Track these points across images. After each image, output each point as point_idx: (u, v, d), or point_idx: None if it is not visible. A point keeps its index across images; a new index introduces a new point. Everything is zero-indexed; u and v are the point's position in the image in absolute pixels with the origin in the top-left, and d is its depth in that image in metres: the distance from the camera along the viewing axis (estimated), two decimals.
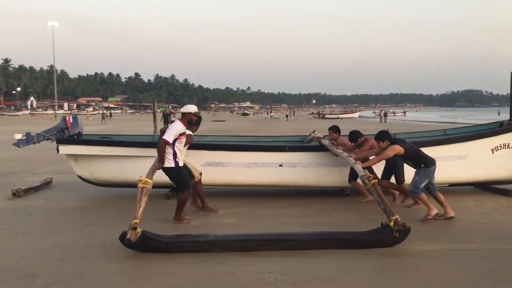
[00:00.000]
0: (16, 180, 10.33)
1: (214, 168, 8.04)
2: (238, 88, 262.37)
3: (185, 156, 7.30)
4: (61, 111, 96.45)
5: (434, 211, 6.79)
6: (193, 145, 7.84)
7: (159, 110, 37.60)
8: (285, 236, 5.66)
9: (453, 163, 8.21)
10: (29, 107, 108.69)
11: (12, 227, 6.43)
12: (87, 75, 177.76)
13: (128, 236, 5.15)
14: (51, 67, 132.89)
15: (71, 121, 8.50)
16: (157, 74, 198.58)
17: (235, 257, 5.15)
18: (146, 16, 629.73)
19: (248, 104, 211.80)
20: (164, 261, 5.04)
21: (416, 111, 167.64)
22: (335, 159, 7.82)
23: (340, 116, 78.02)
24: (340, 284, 4.49)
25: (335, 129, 8.52)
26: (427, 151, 7.57)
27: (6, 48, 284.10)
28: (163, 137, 6.50)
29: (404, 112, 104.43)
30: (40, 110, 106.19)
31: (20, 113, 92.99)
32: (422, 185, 6.79)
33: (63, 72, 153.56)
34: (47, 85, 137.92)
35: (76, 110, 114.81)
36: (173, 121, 30.89)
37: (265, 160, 8.02)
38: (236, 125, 46.80)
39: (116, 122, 53.31)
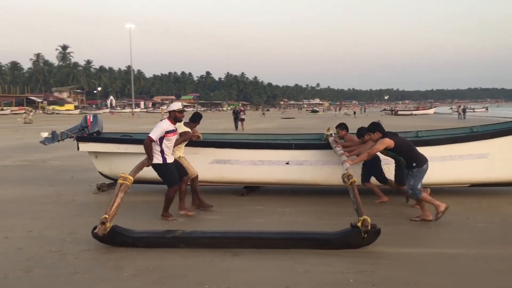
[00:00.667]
0: (100, 175, 10.89)
1: (222, 166, 8.11)
2: (307, 85, 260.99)
3: (193, 154, 7.67)
4: (138, 110, 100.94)
5: (442, 206, 6.39)
6: (201, 143, 8.16)
7: (229, 108, 38.23)
8: (253, 234, 5.58)
9: (472, 163, 7.71)
10: (108, 105, 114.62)
11: (98, 220, 6.77)
12: (162, 74, 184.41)
13: (95, 231, 5.34)
14: (129, 67, 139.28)
15: (91, 120, 8.90)
16: (227, 72, 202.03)
17: (314, 256, 5.12)
18: (217, 16, 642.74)
19: (317, 101, 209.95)
20: (241, 257, 5.11)
21: (498, 106, 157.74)
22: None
23: (414, 112, 75.36)
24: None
25: (342, 127, 8.36)
26: (443, 149, 7.47)
27: (88, 50, 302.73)
28: (148, 135, 6.61)
29: (486, 108, 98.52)
30: (118, 108, 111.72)
31: (100, 111, 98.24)
32: (419, 186, 6.48)
33: (139, 72, 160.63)
34: (125, 84, 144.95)
35: (152, 108, 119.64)
36: (243, 119, 30.94)
37: (272, 158, 7.96)
38: (306, 122, 46.55)
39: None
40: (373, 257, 5.08)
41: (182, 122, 7.33)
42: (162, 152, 6.61)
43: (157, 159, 6.63)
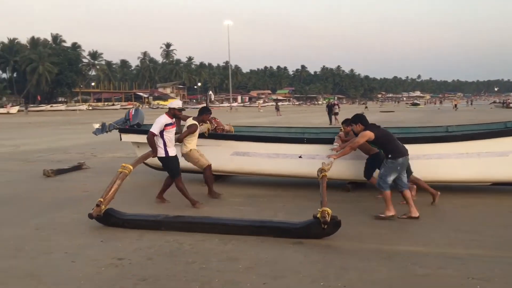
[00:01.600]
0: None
1: (241, 158, 8.53)
2: (407, 77, 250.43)
3: (216, 146, 8.53)
4: (235, 104, 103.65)
5: (391, 212, 6.35)
6: (223, 136, 8.88)
7: (325, 101, 37.60)
8: (222, 221, 6.09)
9: (491, 160, 7.41)
10: (208, 100, 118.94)
11: (214, 211, 7.03)
12: (258, 69, 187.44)
13: (90, 212, 6.08)
14: (227, 63, 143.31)
15: (133, 113, 9.64)
16: (323, 66, 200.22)
17: (432, 259, 4.85)
18: (312, 9, 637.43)
19: (417, 93, 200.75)
20: (357, 255, 4.99)
21: None
22: (354, 153, 7.22)
23: None
24: None
25: (347, 123, 7.99)
26: (459, 146, 7.48)
27: (189, 48, 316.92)
28: (150, 130, 7.22)
29: None
30: (217, 103, 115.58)
31: (200, 106, 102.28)
32: (389, 178, 6.38)
33: (237, 67, 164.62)
34: (223, 79, 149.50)
35: (248, 103, 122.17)
36: (337, 113, 30.24)
37: (286, 151, 8.17)
38: (406, 116, 44.59)
39: (285, 113, 55.09)
40: (499, 262, 4.68)
41: (191, 117, 8.08)
42: (164, 144, 7.22)
43: (161, 153, 7.25)
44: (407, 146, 7.01)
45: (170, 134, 7.33)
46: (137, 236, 5.76)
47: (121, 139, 9.82)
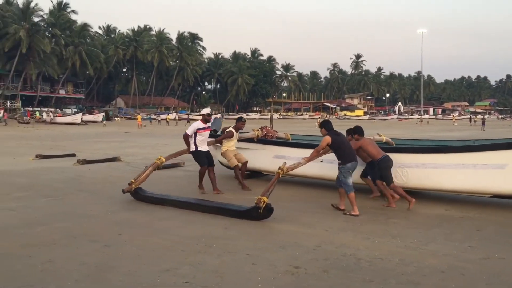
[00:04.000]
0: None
1: (280, 160, 9.37)
2: None
3: (262, 150, 10.52)
4: (426, 116, 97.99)
5: (356, 212, 7.29)
6: (267, 141, 10.72)
7: None
8: (193, 201, 8.02)
9: (488, 172, 7.56)
10: (396, 112, 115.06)
11: (388, 231, 6.68)
12: (454, 79, 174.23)
13: (124, 188, 8.51)
14: (418, 73, 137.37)
15: (212, 121, 10.82)
16: None
17: None
18: None
19: None
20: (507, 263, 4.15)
21: None
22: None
23: None
24: None
25: (349, 132, 8.79)
26: (455, 158, 7.83)
27: (379, 58, 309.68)
28: (186, 131, 9.38)
29: None
30: (406, 115, 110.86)
31: (388, 117, 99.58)
32: (349, 181, 7.46)
33: (429, 77, 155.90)
34: (414, 90, 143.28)
35: (441, 115, 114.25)
36: None
37: None
38: None
39: (487, 127, 49.92)
40: None
41: (231, 126, 10.15)
42: (195, 142, 9.32)
43: (192, 148, 9.39)
44: (406, 156, 8.32)
45: (202, 137, 9.38)
46: (314, 246, 5.74)
47: None
